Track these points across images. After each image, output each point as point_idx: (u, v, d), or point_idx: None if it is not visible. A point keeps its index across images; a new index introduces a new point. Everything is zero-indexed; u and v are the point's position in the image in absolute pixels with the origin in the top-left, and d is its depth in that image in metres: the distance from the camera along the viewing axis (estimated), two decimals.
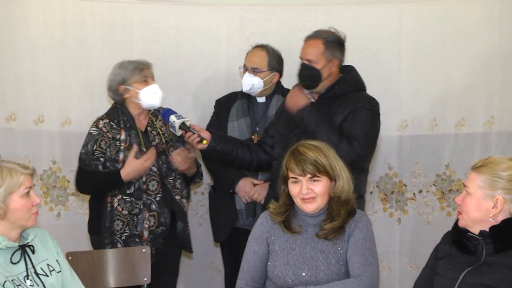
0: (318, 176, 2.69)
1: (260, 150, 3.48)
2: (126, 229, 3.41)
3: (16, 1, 4.04)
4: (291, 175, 2.71)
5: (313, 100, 3.30)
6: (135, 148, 3.40)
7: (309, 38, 3.34)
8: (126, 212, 3.40)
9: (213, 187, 3.98)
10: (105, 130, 3.43)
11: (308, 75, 3.30)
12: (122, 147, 3.42)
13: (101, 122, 3.46)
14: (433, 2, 4.06)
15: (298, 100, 3.27)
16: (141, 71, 3.47)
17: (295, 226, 2.76)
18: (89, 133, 3.45)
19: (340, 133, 3.18)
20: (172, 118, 3.34)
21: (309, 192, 2.69)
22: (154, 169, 3.45)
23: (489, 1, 4.03)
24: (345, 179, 2.73)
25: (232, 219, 3.80)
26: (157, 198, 3.45)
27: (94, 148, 3.40)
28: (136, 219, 3.42)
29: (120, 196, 3.40)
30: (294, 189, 2.73)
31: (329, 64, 3.28)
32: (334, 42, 3.30)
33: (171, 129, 3.41)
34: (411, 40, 4.08)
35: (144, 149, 3.44)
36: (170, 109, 3.44)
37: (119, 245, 3.39)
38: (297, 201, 2.74)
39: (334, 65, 3.29)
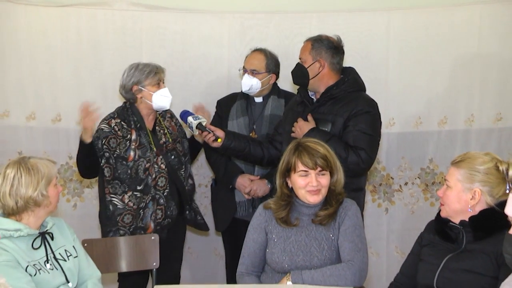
0: (325, 170, 2.82)
1: (271, 147, 3.58)
2: (134, 222, 3.49)
3: (35, 11, 4.14)
4: (301, 168, 2.80)
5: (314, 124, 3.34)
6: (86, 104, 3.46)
7: (305, 40, 3.48)
8: (136, 207, 3.48)
9: (214, 180, 4.10)
10: (117, 129, 3.50)
11: (296, 72, 3.45)
12: (133, 146, 3.49)
13: (113, 121, 3.51)
14: (418, 9, 4.16)
15: (303, 126, 3.33)
16: (156, 74, 3.54)
17: (293, 220, 2.86)
18: (101, 129, 3.49)
19: (346, 145, 3.22)
20: (190, 119, 3.49)
21: (318, 185, 2.80)
22: (163, 166, 3.53)
23: (470, 9, 4.13)
24: (341, 173, 2.89)
25: (232, 210, 3.90)
26: (165, 193, 3.54)
27: (103, 143, 3.46)
28: (142, 212, 3.50)
29: (130, 193, 3.47)
30: (302, 181, 2.81)
31: (315, 63, 3.36)
32: (323, 44, 3.37)
33: (189, 129, 3.53)
34: (398, 44, 4.19)
35: (154, 148, 3.52)
36: (188, 111, 3.58)
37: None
38: (301, 192, 2.83)
39: (322, 65, 3.35)
